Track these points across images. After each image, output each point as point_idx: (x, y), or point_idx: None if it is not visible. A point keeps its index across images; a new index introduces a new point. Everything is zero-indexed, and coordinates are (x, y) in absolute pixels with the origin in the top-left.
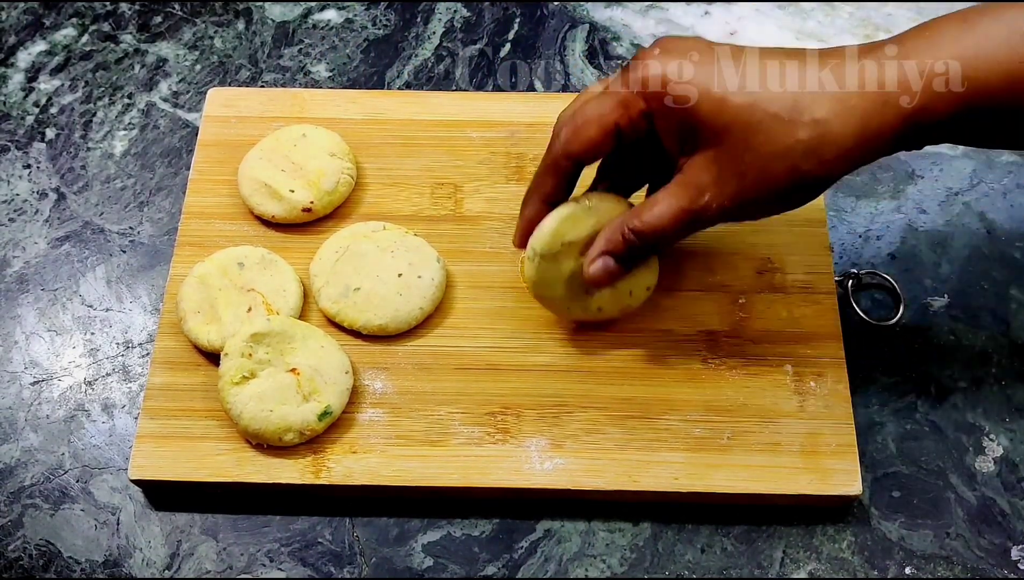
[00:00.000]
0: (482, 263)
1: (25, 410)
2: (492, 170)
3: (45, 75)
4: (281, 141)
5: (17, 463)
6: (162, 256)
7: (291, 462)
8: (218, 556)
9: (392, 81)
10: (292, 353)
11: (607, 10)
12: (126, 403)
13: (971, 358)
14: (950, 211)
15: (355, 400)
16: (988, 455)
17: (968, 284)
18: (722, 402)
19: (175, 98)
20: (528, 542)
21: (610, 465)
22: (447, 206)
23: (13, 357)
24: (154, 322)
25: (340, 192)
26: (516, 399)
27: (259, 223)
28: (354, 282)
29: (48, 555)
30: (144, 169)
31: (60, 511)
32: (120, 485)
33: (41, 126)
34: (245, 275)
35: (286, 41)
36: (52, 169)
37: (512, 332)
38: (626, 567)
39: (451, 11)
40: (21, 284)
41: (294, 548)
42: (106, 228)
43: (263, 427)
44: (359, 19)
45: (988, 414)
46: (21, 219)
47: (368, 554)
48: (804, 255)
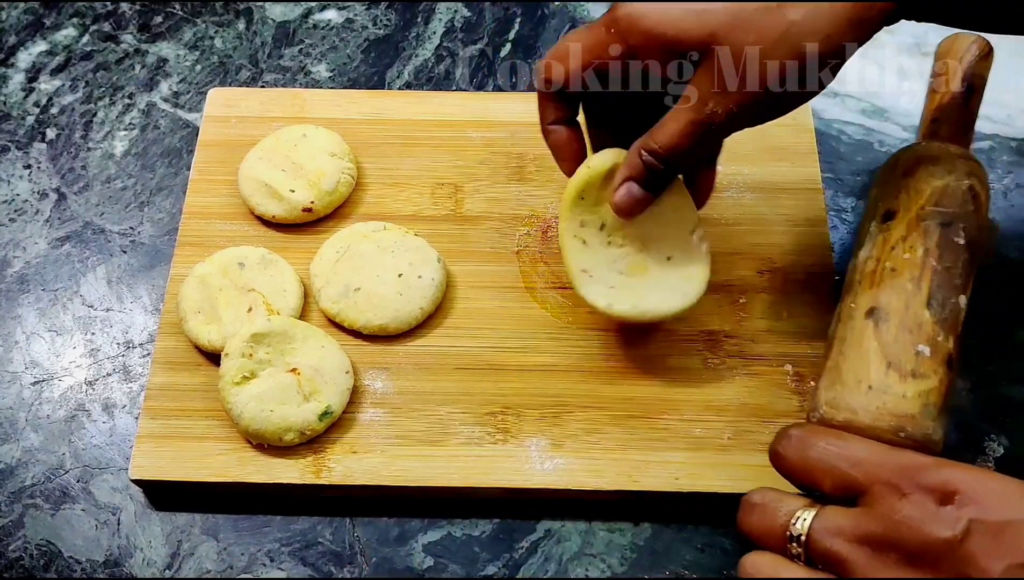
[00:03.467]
0: (482, 263)
1: (26, 410)
2: (492, 170)
3: (46, 75)
4: (281, 141)
5: (18, 463)
6: (163, 256)
7: (292, 462)
8: (218, 556)
9: (392, 81)
10: (292, 353)
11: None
12: (127, 403)
13: (972, 358)
14: None
15: (355, 400)
16: (989, 456)
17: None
18: (722, 402)
19: (175, 98)
20: (528, 542)
21: (610, 465)
22: (447, 206)
23: (14, 357)
24: (155, 322)
25: (340, 192)
26: (516, 399)
27: (259, 223)
28: (354, 282)
29: (49, 555)
30: (144, 169)
31: (61, 511)
32: (121, 485)
33: (42, 126)
34: (245, 275)
35: (286, 41)
36: (52, 169)
37: (512, 332)
38: (626, 567)
39: (451, 11)
40: (22, 284)
41: (294, 548)
42: (107, 228)
43: (264, 427)
44: (359, 19)
45: (989, 415)
46: (22, 219)
47: (368, 554)
48: (804, 255)
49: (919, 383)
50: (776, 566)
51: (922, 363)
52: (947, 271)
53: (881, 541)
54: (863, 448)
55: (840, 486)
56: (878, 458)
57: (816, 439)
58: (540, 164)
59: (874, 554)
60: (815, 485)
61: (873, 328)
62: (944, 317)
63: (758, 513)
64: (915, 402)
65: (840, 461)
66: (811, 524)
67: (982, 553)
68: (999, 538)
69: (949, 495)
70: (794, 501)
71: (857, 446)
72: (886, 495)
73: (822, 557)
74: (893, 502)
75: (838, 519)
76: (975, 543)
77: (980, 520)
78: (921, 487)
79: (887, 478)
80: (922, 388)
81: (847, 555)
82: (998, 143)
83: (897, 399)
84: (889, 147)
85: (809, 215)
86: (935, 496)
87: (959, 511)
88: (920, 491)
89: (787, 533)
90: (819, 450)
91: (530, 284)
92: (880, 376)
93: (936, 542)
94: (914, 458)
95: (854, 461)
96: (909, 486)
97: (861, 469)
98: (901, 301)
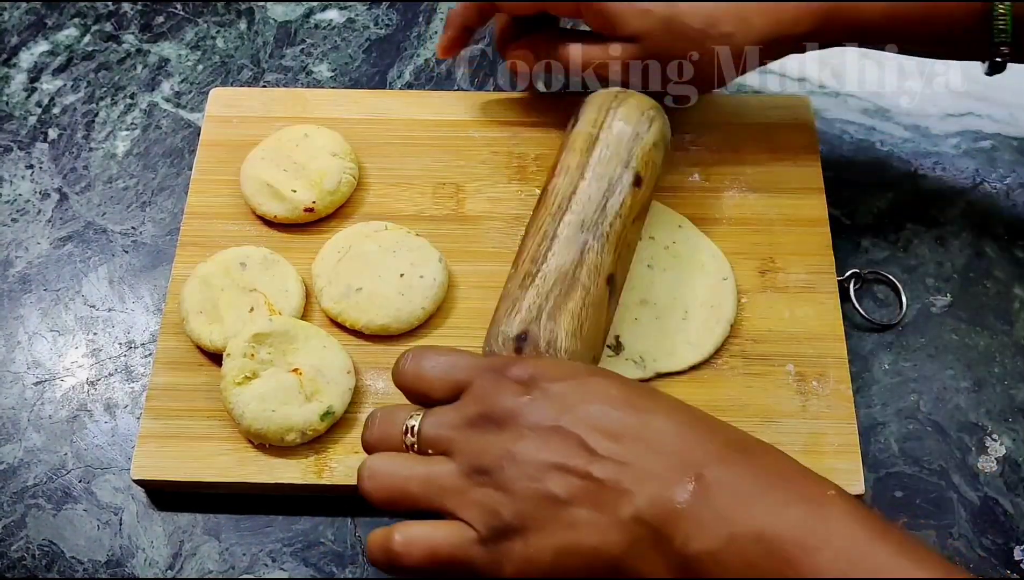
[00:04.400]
0: (484, 263)
1: (28, 410)
2: (494, 170)
3: (47, 75)
4: (283, 141)
5: (20, 463)
6: (164, 256)
7: (293, 462)
8: (220, 556)
9: (394, 81)
10: (294, 353)
11: None
12: (128, 403)
13: (973, 358)
14: (952, 210)
15: (357, 400)
16: (991, 455)
17: (970, 284)
18: (724, 402)
19: (177, 98)
20: None
21: None
22: (449, 206)
23: (16, 357)
24: (156, 322)
25: (342, 192)
26: None
27: (261, 223)
28: (356, 282)
29: (51, 555)
30: (146, 169)
31: (63, 511)
32: (123, 485)
33: (44, 126)
34: (247, 275)
35: (288, 41)
36: (54, 169)
37: None
38: None
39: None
40: (24, 284)
41: (296, 548)
42: (108, 228)
43: (265, 427)
44: (361, 19)
45: (991, 414)
46: (24, 219)
47: None
48: (806, 254)
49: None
50: (390, 458)
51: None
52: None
53: (476, 418)
54: (461, 355)
55: (449, 390)
56: (477, 361)
57: (430, 353)
58: (542, 164)
59: (472, 429)
60: (428, 394)
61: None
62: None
63: (378, 423)
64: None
65: (449, 367)
66: (423, 417)
67: (540, 410)
68: (556, 400)
69: (530, 378)
70: (408, 408)
71: (458, 355)
72: (481, 385)
73: (431, 442)
74: (486, 389)
75: (443, 412)
76: (538, 404)
77: (543, 389)
78: (509, 376)
79: (482, 371)
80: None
81: (450, 434)
82: (999, 142)
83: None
84: (891, 146)
85: (811, 214)
86: (519, 381)
87: (532, 383)
88: (508, 379)
89: (403, 429)
90: (431, 361)
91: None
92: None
93: (515, 405)
94: (506, 359)
95: (455, 365)
96: (498, 376)
97: (462, 370)
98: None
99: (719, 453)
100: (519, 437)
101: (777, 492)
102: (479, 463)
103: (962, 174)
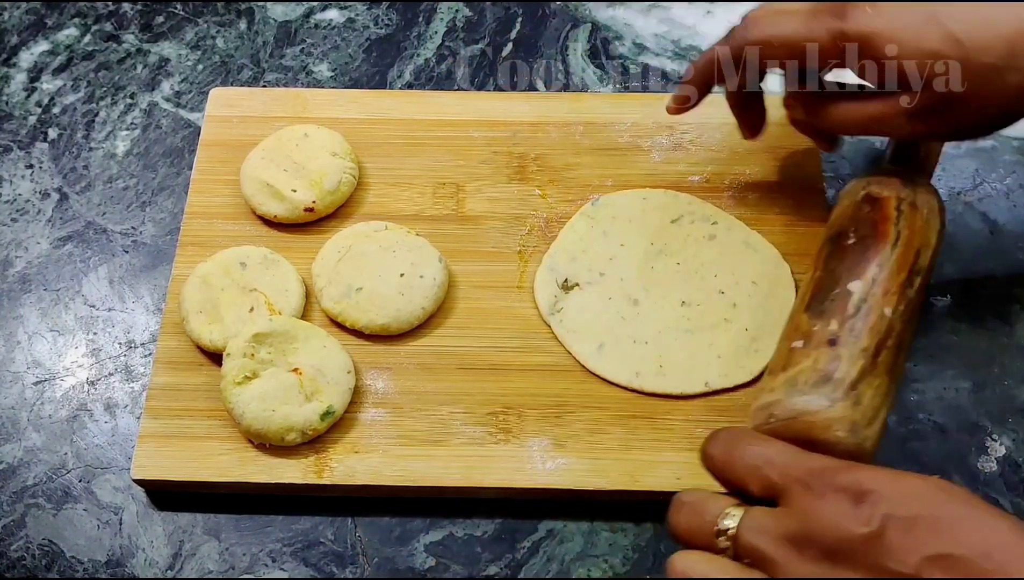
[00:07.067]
0: (484, 263)
1: (28, 410)
2: (494, 170)
3: (47, 75)
4: (283, 141)
5: (20, 463)
6: (164, 256)
7: (293, 462)
8: (220, 556)
9: (394, 81)
10: (294, 353)
11: (609, 10)
12: (128, 403)
13: (974, 358)
14: (952, 211)
15: (357, 400)
16: (991, 455)
17: (971, 284)
18: (724, 402)
19: (177, 98)
20: (530, 542)
21: (612, 465)
22: (449, 206)
23: (16, 357)
24: (156, 322)
25: (342, 192)
26: (518, 399)
27: (261, 223)
28: (356, 282)
29: (51, 555)
30: (146, 169)
31: (63, 511)
32: (122, 485)
33: (43, 126)
34: (247, 275)
35: (288, 41)
36: (55, 169)
37: (514, 332)
38: (628, 567)
39: (453, 11)
40: (24, 284)
41: (296, 548)
42: (108, 228)
43: (265, 427)
44: (361, 19)
45: (991, 414)
46: (24, 219)
47: (370, 554)
48: (807, 255)
49: (787, 372)
50: (706, 562)
51: (795, 355)
52: (831, 273)
53: (802, 539)
54: (777, 451)
55: (762, 487)
56: (788, 459)
57: (740, 441)
58: (541, 164)
59: (796, 551)
60: (741, 485)
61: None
62: (822, 310)
63: (687, 511)
64: (781, 389)
65: (759, 462)
66: (740, 521)
67: (897, 546)
68: (911, 532)
69: (863, 494)
70: (723, 500)
71: (772, 448)
72: (802, 495)
73: (749, 552)
74: (809, 502)
75: (763, 518)
76: (890, 537)
77: (893, 515)
78: (835, 487)
79: (801, 478)
80: (789, 375)
81: (772, 552)
82: (1000, 142)
83: (767, 393)
84: None
85: (810, 214)
86: (849, 495)
87: (873, 508)
88: (834, 491)
89: (715, 528)
90: (741, 451)
91: (532, 284)
92: (763, 381)
93: (853, 537)
94: (824, 460)
95: (769, 463)
96: (823, 487)
97: (776, 470)
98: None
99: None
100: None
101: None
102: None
103: (962, 174)
